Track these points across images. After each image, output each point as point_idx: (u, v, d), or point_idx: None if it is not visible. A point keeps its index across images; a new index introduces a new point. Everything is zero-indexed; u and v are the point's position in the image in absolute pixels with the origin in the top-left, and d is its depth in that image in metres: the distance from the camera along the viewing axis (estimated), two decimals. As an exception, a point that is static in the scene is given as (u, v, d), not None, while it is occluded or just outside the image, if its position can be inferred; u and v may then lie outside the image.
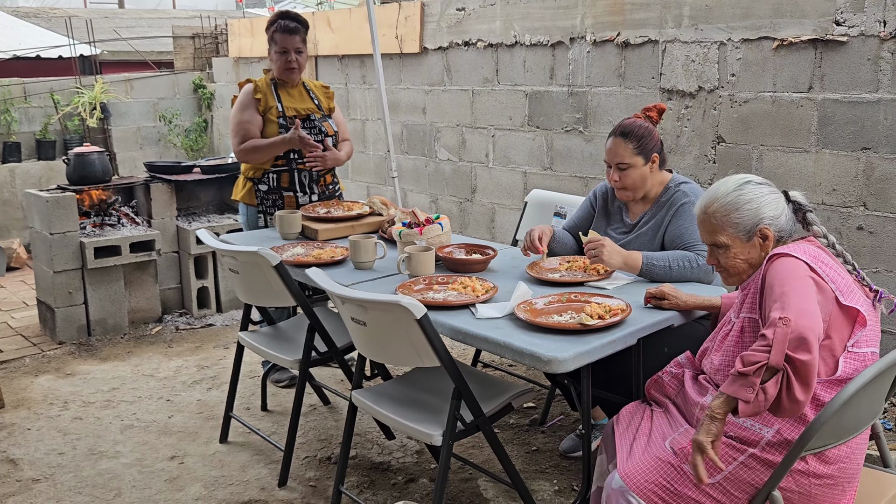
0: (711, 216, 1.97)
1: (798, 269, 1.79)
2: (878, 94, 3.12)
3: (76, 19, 9.43)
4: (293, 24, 3.57)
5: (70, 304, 4.52)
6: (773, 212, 1.94)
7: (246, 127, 3.55)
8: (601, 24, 4.11)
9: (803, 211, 1.98)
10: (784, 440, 1.80)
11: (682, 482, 1.85)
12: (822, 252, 1.90)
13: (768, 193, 1.96)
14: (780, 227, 1.94)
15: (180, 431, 3.40)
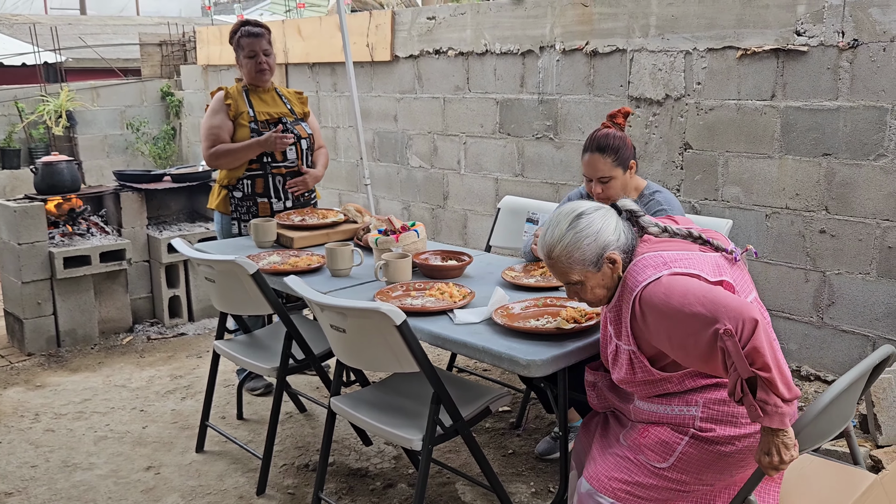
0: (557, 261, 1.94)
1: (673, 288, 1.78)
2: (838, 101, 3.23)
3: (40, 26, 9.30)
4: (257, 29, 3.61)
5: (39, 314, 4.46)
6: (611, 235, 1.92)
7: (216, 132, 3.55)
8: (570, 33, 4.18)
9: (637, 216, 1.98)
10: (712, 413, 1.87)
11: (641, 473, 1.92)
12: (669, 248, 1.91)
13: (601, 219, 1.93)
14: (622, 247, 1.93)
15: (155, 442, 3.39)
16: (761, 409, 1.66)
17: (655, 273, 1.82)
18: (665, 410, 1.93)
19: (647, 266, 1.86)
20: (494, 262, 3.05)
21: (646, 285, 1.81)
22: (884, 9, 3.05)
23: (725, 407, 1.87)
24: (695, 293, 1.74)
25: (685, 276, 1.81)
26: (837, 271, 3.34)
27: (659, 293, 1.79)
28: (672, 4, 3.70)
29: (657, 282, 1.80)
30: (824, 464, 2.12)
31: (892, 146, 3.12)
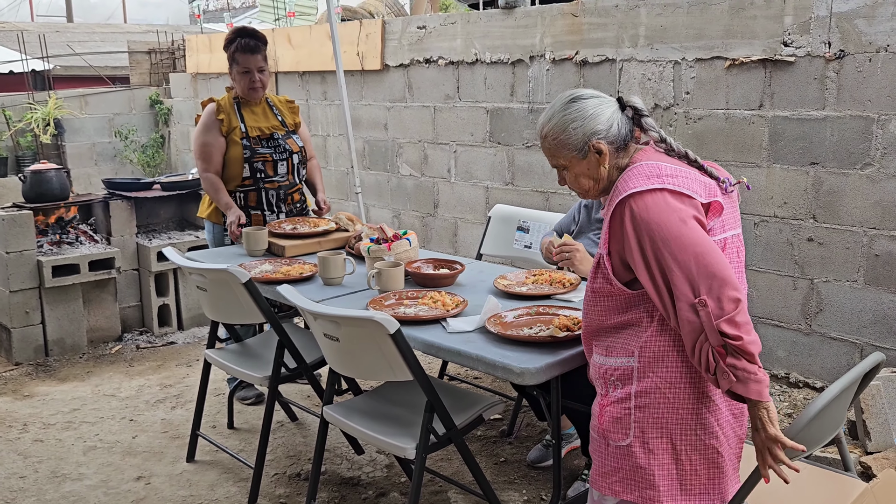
0: (545, 140, 1.93)
1: (663, 213, 1.75)
2: (825, 111, 3.27)
3: (27, 33, 9.26)
4: (253, 41, 3.51)
5: (27, 324, 4.43)
6: (602, 125, 1.87)
7: (209, 150, 3.53)
8: (560, 43, 4.21)
9: (640, 116, 1.91)
10: (646, 360, 1.83)
11: (617, 458, 1.88)
12: (665, 161, 1.87)
13: (594, 107, 1.89)
14: (611, 139, 1.88)
15: (145, 451, 3.37)
16: (734, 375, 1.67)
17: (648, 183, 1.78)
18: (612, 363, 1.90)
19: (640, 174, 1.81)
20: (486, 271, 3.06)
21: (637, 192, 1.78)
22: (869, 20, 3.10)
23: (657, 350, 1.83)
24: (691, 243, 1.72)
25: (679, 196, 1.77)
26: (825, 279, 3.37)
27: (653, 211, 1.75)
28: (661, 15, 3.74)
29: (652, 195, 1.77)
30: (815, 471, 2.14)
31: (878, 155, 3.16)
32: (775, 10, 3.34)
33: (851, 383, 1.86)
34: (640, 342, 1.85)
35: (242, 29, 3.63)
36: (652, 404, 1.84)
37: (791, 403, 3.43)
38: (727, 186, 1.90)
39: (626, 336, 1.89)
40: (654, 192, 1.78)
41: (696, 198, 1.80)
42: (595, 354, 1.98)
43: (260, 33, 3.61)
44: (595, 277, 1.92)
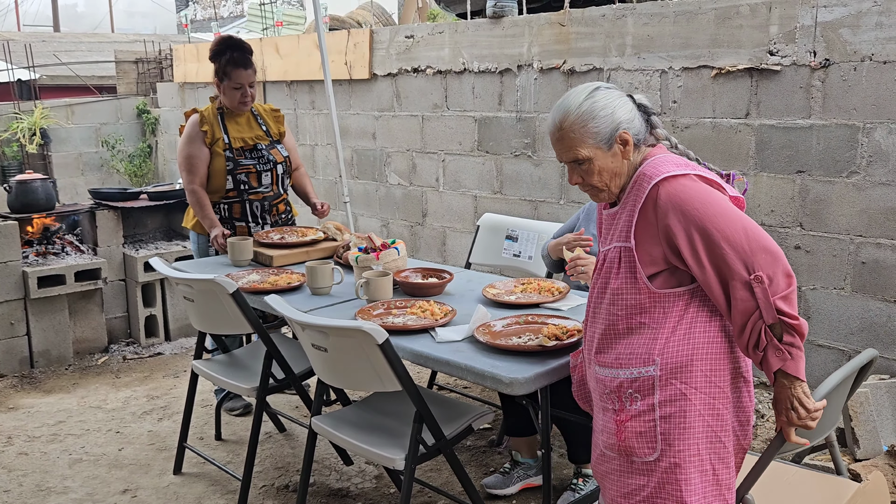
0: (569, 130, 1.81)
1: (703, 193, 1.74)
2: (811, 119, 3.29)
3: (13, 43, 9.21)
4: (243, 55, 3.47)
5: (12, 335, 4.38)
6: (627, 115, 1.82)
7: (193, 162, 3.50)
8: (547, 52, 4.22)
9: (648, 113, 1.88)
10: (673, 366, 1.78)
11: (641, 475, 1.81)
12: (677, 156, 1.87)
13: (618, 97, 1.83)
14: (635, 131, 1.83)
15: (132, 464, 3.33)
16: (789, 353, 1.69)
17: (678, 169, 1.76)
18: (626, 374, 1.82)
19: (667, 162, 1.79)
20: (475, 279, 3.05)
21: (671, 175, 1.75)
22: (854, 30, 3.12)
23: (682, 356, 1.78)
24: (738, 218, 1.71)
25: (709, 181, 1.77)
26: (812, 286, 3.38)
27: (693, 192, 1.73)
28: (647, 24, 3.76)
29: (686, 178, 1.75)
30: (808, 474, 2.15)
31: (864, 163, 3.18)
32: (761, 20, 3.37)
33: (848, 376, 1.88)
34: (658, 347, 1.78)
35: (230, 41, 3.56)
36: (678, 414, 1.77)
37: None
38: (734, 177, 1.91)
39: (640, 342, 1.81)
40: (687, 176, 1.76)
41: (725, 188, 1.81)
42: (599, 368, 1.89)
43: (247, 44, 3.56)
44: (616, 275, 1.83)
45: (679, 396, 1.77)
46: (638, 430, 1.80)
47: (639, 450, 1.81)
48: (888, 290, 3.19)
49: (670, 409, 1.77)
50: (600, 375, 1.89)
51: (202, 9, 19.70)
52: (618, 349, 1.85)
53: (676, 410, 1.77)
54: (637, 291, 1.80)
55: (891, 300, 3.19)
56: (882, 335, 3.22)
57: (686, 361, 1.78)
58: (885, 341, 3.21)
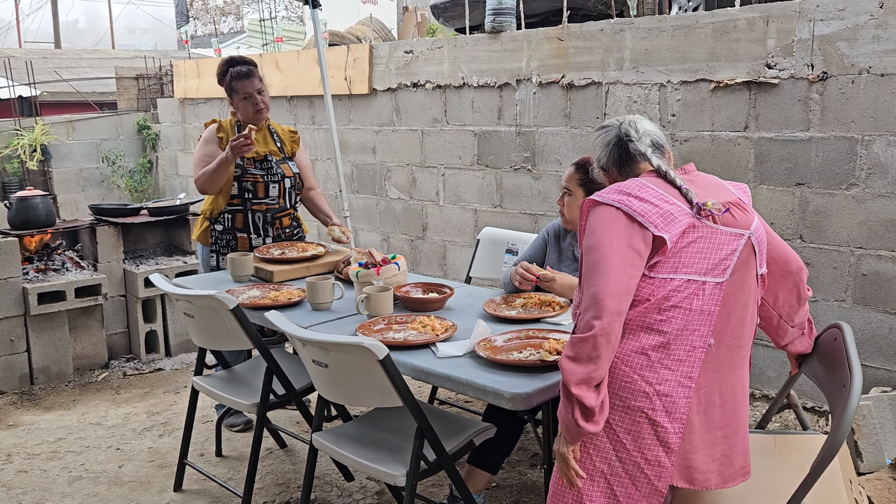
0: None
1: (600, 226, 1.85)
2: (810, 132, 3.30)
3: (14, 59, 9.25)
4: (245, 67, 3.56)
5: (12, 352, 4.38)
6: (596, 153, 2.06)
7: (206, 160, 3.54)
8: (546, 66, 4.24)
9: (627, 139, 2.00)
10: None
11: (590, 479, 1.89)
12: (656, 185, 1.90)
13: (596, 137, 2.08)
14: (604, 164, 2.05)
15: (132, 481, 3.32)
16: None
17: (612, 198, 1.87)
18: None
19: (615, 188, 1.92)
20: (475, 294, 3.05)
21: (599, 200, 1.89)
22: (851, 43, 3.14)
23: None
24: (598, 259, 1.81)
25: (630, 220, 1.83)
26: (814, 299, 3.38)
27: (598, 222, 1.87)
28: (646, 38, 3.78)
29: (608, 209, 1.86)
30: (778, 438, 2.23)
31: (863, 175, 3.18)
32: (758, 33, 3.38)
33: None
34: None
35: (231, 59, 3.67)
36: None
37: (783, 424, 3.42)
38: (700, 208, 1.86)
39: None
40: (610, 206, 1.86)
41: (650, 228, 1.82)
42: None
43: (247, 58, 3.67)
44: None
45: None
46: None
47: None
48: (889, 301, 3.18)
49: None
50: None
51: (202, 25, 19.81)
52: None
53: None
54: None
55: (892, 312, 3.18)
56: (884, 347, 3.21)
57: None
58: (886, 353, 3.21)
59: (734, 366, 1.90)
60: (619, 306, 1.75)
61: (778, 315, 2.11)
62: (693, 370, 1.81)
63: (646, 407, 1.80)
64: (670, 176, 1.92)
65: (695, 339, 1.81)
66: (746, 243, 1.89)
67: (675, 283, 1.81)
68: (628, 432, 1.82)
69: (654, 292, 1.81)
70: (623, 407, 1.82)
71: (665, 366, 1.80)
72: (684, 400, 1.81)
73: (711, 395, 1.86)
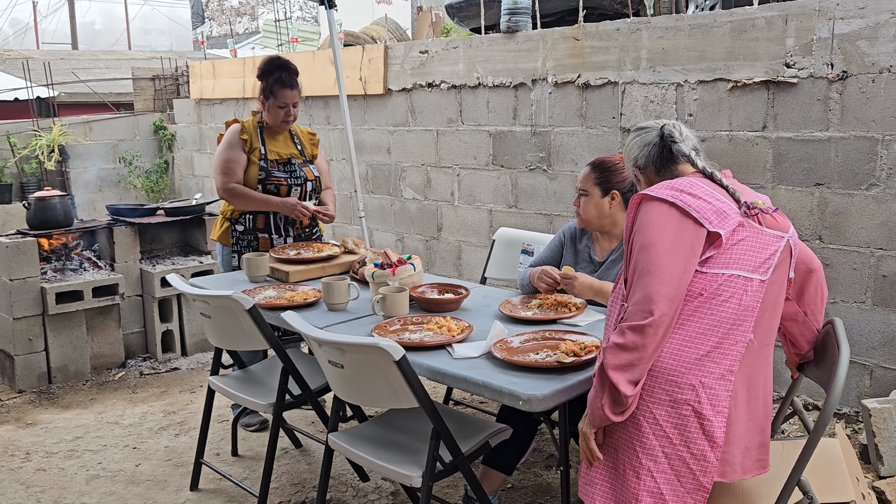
0: None
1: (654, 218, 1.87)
2: (829, 132, 3.27)
3: (32, 61, 9.34)
4: (292, 76, 3.55)
5: (30, 351, 4.41)
6: (633, 153, 2.09)
7: (231, 166, 3.56)
8: (562, 66, 4.22)
9: (671, 140, 2.04)
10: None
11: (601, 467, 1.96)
12: (704, 183, 1.94)
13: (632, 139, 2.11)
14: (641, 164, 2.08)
15: (149, 480, 3.33)
16: None
17: (665, 193, 1.89)
18: None
19: (666, 185, 1.94)
20: (491, 295, 3.04)
21: (651, 195, 1.91)
22: (871, 41, 3.10)
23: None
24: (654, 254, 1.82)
25: (684, 215, 1.86)
26: (833, 300, 3.34)
27: (651, 218, 1.87)
28: (663, 38, 3.75)
29: (661, 204, 1.88)
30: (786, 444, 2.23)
31: (883, 175, 3.15)
32: (777, 33, 3.35)
33: None
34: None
35: (279, 61, 3.62)
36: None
37: (801, 426, 3.39)
38: (744, 209, 1.92)
39: None
40: (664, 201, 1.86)
41: (704, 224, 1.84)
42: None
43: (293, 65, 3.62)
44: (617, 283, 2.01)
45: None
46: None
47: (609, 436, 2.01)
48: (910, 303, 3.15)
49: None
50: None
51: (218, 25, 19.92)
52: None
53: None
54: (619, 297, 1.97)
55: (913, 314, 3.15)
56: (904, 349, 3.18)
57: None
58: (907, 356, 3.17)
59: (762, 362, 1.93)
60: (673, 300, 1.79)
61: (804, 312, 2.13)
62: (734, 364, 1.85)
63: (692, 399, 1.83)
64: (717, 177, 1.97)
65: (738, 334, 1.84)
66: (786, 245, 1.94)
67: (725, 277, 1.86)
68: (675, 426, 1.84)
69: (707, 287, 1.85)
70: (670, 401, 1.84)
71: (711, 359, 1.83)
72: (726, 393, 1.84)
73: (744, 389, 1.89)
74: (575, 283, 2.69)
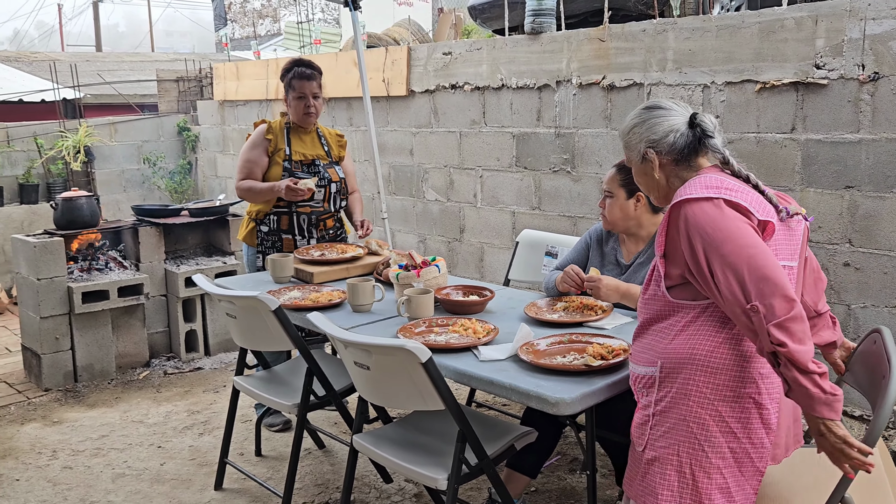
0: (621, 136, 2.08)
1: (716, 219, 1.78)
2: (860, 134, 3.22)
3: (59, 63, 9.44)
4: (309, 70, 3.62)
5: (57, 349, 4.46)
6: (656, 135, 1.95)
7: (250, 166, 3.60)
8: (586, 67, 4.20)
9: (706, 137, 1.93)
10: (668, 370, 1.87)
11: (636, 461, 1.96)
12: (725, 177, 1.89)
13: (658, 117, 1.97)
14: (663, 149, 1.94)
15: (173, 479, 3.35)
16: (787, 384, 1.70)
17: (706, 192, 1.82)
18: (639, 371, 1.96)
19: (700, 184, 1.85)
20: (516, 297, 3.03)
21: (692, 198, 1.82)
22: (904, 42, 3.05)
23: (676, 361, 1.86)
24: (745, 244, 1.74)
25: (735, 206, 1.80)
26: (863, 304, 3.29)
27: (707, 216, 1.79)
28: (689, 39, 3.72)
29: (708, 202, 1.80)
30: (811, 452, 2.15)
31: (915, 178, 3.10)
32: (806, 33, 3.31)
33: None
34: (661, 352, 1.90)
35: (300, 60, 3.72)
36: (664, 413, 1.89)
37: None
38: (784, 216, 1.90)
39: (652, 343, 1.93)
40: (710, 199, 1.81)
41: (753, 213, 1.82)
42: (630, 362, 2.05)
43: (316, 64, 3.70)
44: (648, 282, 1.98)
45: (669, 399, 1.89)
46: (638, 422, 1.98)
47: (636, 439, 1.98)
48: (943, 308, 3.09)
49: (661, 407, 1.90)
50: (629, 368, 2.06)
51: (240, 27, 20.05)
52: (639, 348, 1.99)
53: (664, 410, 1.89)
54: (659, 299, 1.93)
55: (945, 319, 3.09)
56: (936, 355, 3.12)
57: (679, 368, 1.87)
58: (939, 362, 3.11)
59: None
60: (788, 283, 1.73)
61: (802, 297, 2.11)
62: None
63: (753, 392, 1.84)
64: (753, 180, 1.91)
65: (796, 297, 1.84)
66: (805, 228, 1.97)
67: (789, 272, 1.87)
68: (738, 420, 1.84)
69: None
70: (734, 397, 1.84)
71: None
72: (778, 380, 1.84)
73: None
74: (600, 287, 2.66)
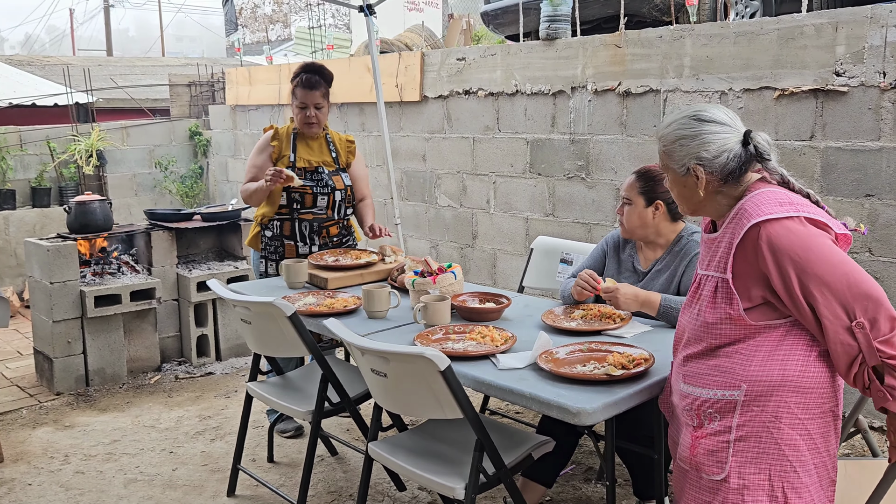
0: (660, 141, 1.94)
1: (805, 238, 1.72)
2: (881, 142, 3.19)
3: (72, 67, 9.49)
4: (315, 77, 3.54)
5: (69, 353, 4.45)
6: (707, 153, 1.83)
7: (255, 171, 3.60)
8: (602, 73, 4.18)
9: (762, 157, 1.84)
10: (757, 393, 1.81)
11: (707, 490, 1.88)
12: (786, 192, 1.82)
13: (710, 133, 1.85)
14: (714, 169, 1.84)
15: (185, 485, 3.34)
16: (890, 395, 1.69)
17: (782, 210, 1.74)
18: (708, 395, 1.86)
19: (772, 201, 1.76)
20: (532, 305, 3.00)
21: (772, 219, 1.73)
22: (926, 49, 3.03)
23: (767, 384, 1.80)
24: (839, 262, 1.71)
25: (814, 222, 1.75)
26: (883, 314, 3.26)
27: (794, 237, 1.72)
28: (707, 45, 3.70)
29: (789, 221, 1.73)
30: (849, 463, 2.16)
31: (937, 187, 3.06)
32: (826, 40, 3.28)
33: None
34: (747, 374, 1.81)
35: (310, 65, 3.64)
36: (753, 438, 1.81)
37: (848, 444, 3.30)
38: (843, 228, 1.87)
39: (729, 366, 1.84)
40: (790, 218, 1.75)
41: (832, 226, 1.79)
42: (684, 385, 1.94)
43: (326, 70, 3.60)
44: (712, 303, 1.86)
45: (758, 423, 1.81)
46: (709, 448, 1.86)
47: (707, 467, 1.86)
48: (965, 319, 3.05)
49: (747, 432, 1.82)
50: (684, 391, 1.94)
51: (251, 32, 20.12)
52: (705, 370, 1.89)
53: (753, 435, 1.81)
54: (732, 321, 1.84)
55: (968, 330, 3.05)
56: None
57: (772, 391, 1.80)
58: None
59: None
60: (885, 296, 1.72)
61: None
62: None
63: (834, 406, 1.84)
64: (813, 197, 1.86)
65: None
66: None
67: None
68: (822, 435, 1.83)
69: None
70: (820, 413, 1.82)
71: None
72: (841, 389, 1.85)
73: None
74: (618, 296, 2.60)
